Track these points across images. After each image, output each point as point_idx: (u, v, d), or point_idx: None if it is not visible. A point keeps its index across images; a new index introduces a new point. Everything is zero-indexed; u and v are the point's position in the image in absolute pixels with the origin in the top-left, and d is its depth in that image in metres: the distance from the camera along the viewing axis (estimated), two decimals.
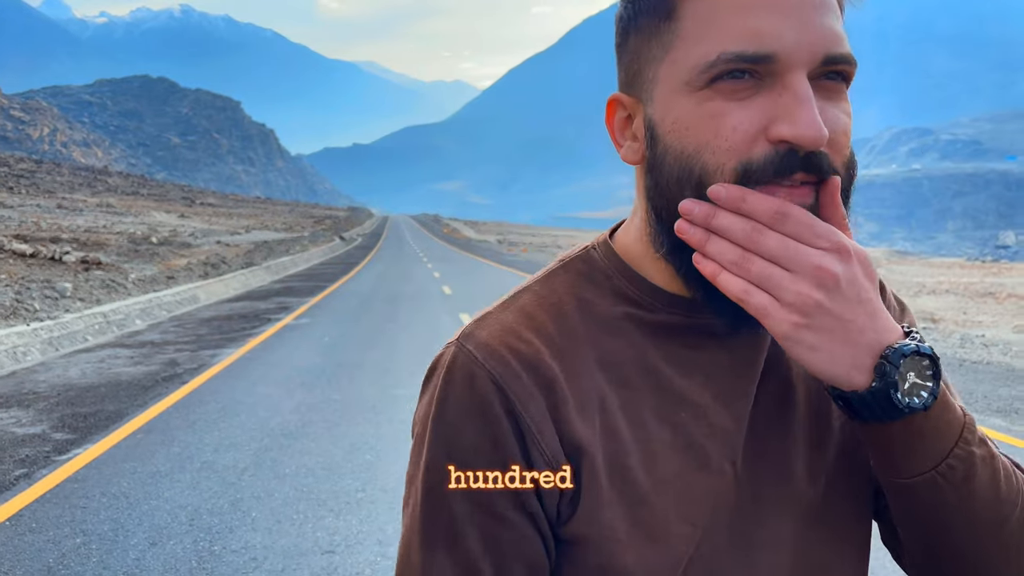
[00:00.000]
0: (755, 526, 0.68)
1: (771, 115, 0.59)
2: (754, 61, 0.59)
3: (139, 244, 29.07)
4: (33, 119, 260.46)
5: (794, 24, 0.59)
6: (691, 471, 0.66)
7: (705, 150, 0.61)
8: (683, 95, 0.62)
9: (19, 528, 3.81)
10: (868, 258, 0.59)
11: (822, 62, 0.59)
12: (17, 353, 8.89)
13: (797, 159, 0.59)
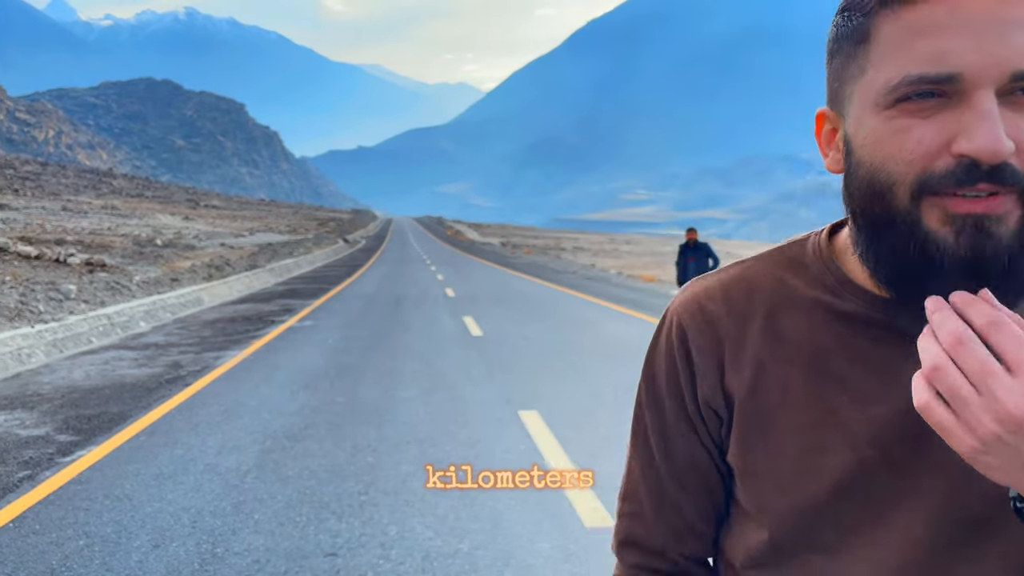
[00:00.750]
0: (888, 507, 0.74)
1: (954, 131, 0.63)
2: (937, 82, 0.63)
3: (143, 246, 29.13)
4: (38, 121, 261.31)
5: (978, 44, 0.62)
6: (833, 448, 0.74)
7: (890, 162, 0.66)
8: (873, 113, 0.67)
9: (22, 530, 3.81)
10: None
11: (1011, 79, 0.62)
12: (22, 355, 8.91)
13: (979, 171, 0.62)
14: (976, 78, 0.62)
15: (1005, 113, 0.62)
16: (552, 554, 3.44)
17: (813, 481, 0.76)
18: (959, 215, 0.64)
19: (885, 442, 0.74)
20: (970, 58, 0.61)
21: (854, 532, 0.76)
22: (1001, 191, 0.63)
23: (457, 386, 7.27)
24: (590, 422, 5.81)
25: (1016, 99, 0.63)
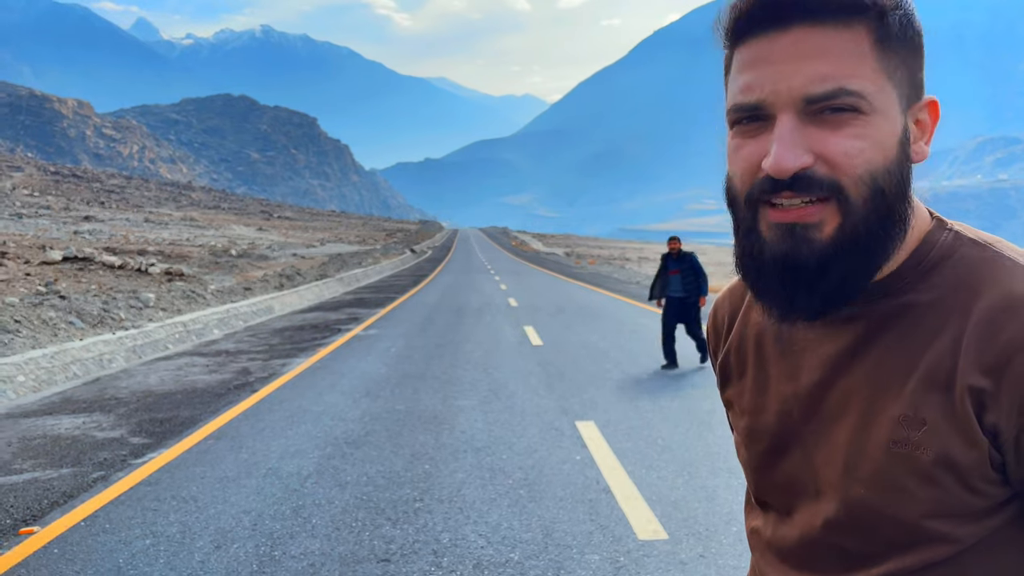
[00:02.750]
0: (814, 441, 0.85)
1: (767, 149, 0.74)
2: (748, 109, 0.76)
3: (219, 256, 30.12)
4: (123, 137, 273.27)
5: (774, 75, 0.73)
6: (768, 412, 0.89)
7: (735, 177, 0.79)
8: (728, 133, 0.80)
9: (93, 528, 3.99)
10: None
11: (804, 102, 0.73)
12: (103, 360, 9.32)
13: (783, 183, 0.73)
14: (775, 104, 0.74)
15: (812, 130, 0.73)
16: (602, 566, 3.41)
17: (757, 440, 0.90)
18: (776, 223, 0.75)
19: (793, 416, 0.85)
20: (769, 88, 0.74)
21: (794, 496, 0.86)
22: (810, 199, 0.73)
23: (516, 395, 7.29)
24: (646, 433, 5.75)
25: (823, 118, 0.73)
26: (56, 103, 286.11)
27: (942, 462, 0.74)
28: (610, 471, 4.81)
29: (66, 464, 5.20)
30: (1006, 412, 0.72)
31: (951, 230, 0.82)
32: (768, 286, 0.78)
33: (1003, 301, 0.73)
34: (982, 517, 0.76)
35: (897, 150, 0.75)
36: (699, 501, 4.21)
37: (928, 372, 0.76)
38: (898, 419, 0.76)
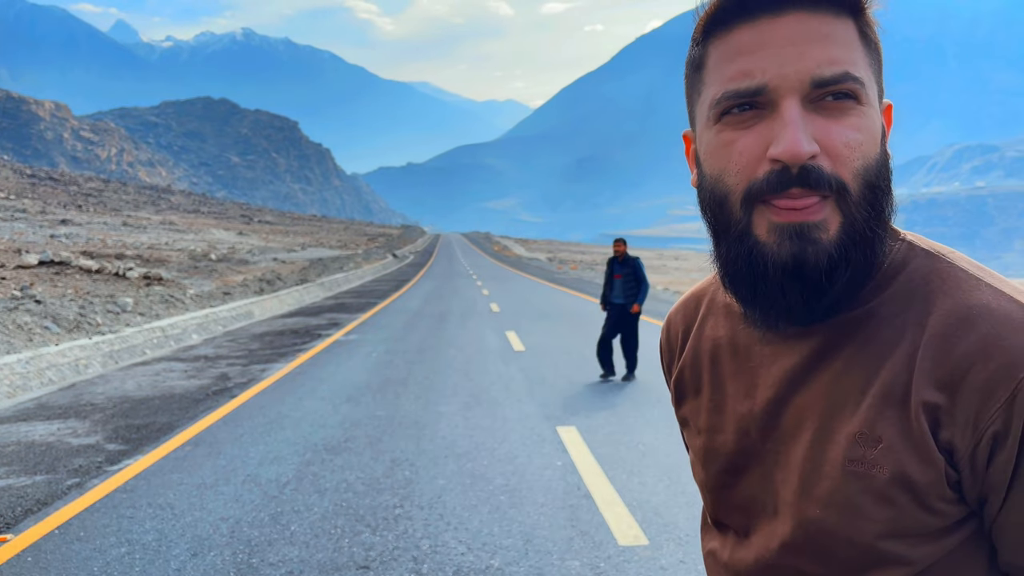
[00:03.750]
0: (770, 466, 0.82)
1: (769, 139, 0.70)
2: (748, 95, 0.71)
3: (199, 261, 29.87)
4: (101, 140, 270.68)
5: (778, 59, 0.70)
6: (725, 431, 0.86)
7: (725, 174, 0.74)
8: (708, 129, 0.76)
9: (67, 536, 3.93)
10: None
11: (812, 86, 0.70)
12: (79, 365, 9.20)
13: (791, 175, 0.69)
14: (780, 89, 0.70)
15: (815, 118, 0.70)
16: (582, 572, 3.40)
17: (714, 460, 0.87)
18: (781, 224, 0.71)
19: (751, 435, 0.82)
20: (773, 72, 0.70)
21: (752, 517, 0.83)
22: (817, 197, 0.70)
23: (497, 401, 7.27)
24: (628, 439, 5.76)
25: (825, 104, 0.70)
26: (33, 105, 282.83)
27: (898, 481, 0.72)
28: (591, 477, 4.81)
29: (40, 471, 5.12)
30: (960, 428, 0.70)
31: (904, 240, 0.80)
32: (768, 293, 0.74)
33: (956, 314, 0.72)
34: (939, 537, 0.73)
35: (881, 146, 0.74)
36: (680, 507, 4.21)
37: (883, 388, 0.73)
38: (854, 436, 0.74)
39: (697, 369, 0.91)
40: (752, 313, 0.78)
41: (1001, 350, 0.68)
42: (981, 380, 0.68)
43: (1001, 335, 0.69)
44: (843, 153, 0.70)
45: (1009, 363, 0.68)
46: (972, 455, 0.70)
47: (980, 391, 0.68)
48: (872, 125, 0.72)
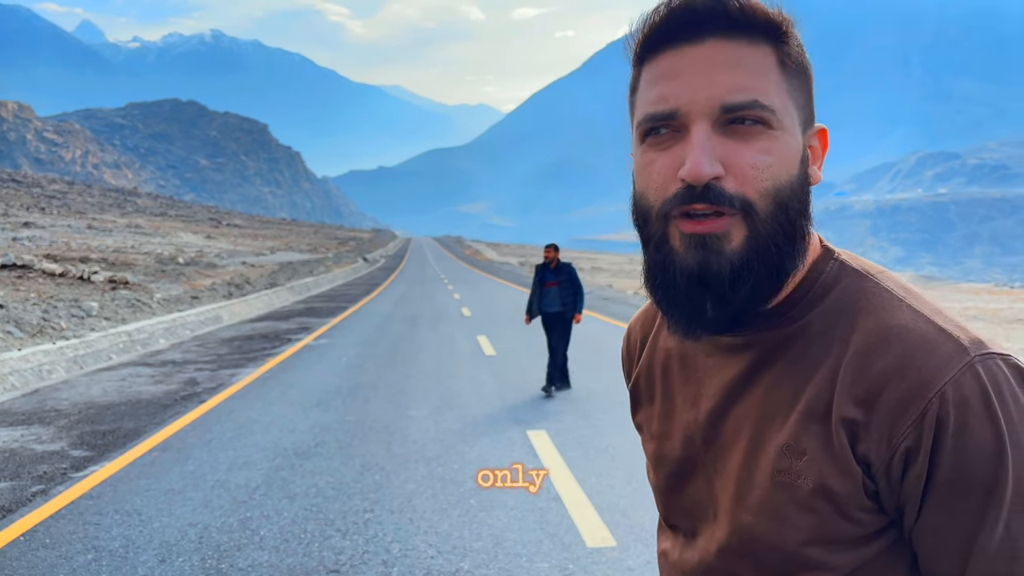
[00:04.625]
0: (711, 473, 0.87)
1: (681, 160, 0.75)
2: (663, 119, 0.76)
3: (166, 264, 29.47)
4: (66, 141, 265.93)
5: (691, 85, 0.75)
6: (673, 438, 0.91)
7: (647, 190, 0.79)
8: (637, 149, 0.81)
9: (33, 544, 3.88)
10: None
11: (721, 111, 0.74)
12: (42, 371, 9.05)
13: (695, 193, 0.74)
14: (691, 113, 0.75)
15: (725, 141, 0.74)
16: (551, 574, 3.44)
17: (663, 465, 0.92)
18: (688, 234, 0.76)
19: (695, 443, 0.88)
20: (685, 98, 0.75)
21: (697, 520, 0.88)
22: (723, 212, 0.74)
23: (468, 405, 7.30)
24: (597, 442, 5.82)
25: (733, 128, 0.74)
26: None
27: (820, 491, 0.75)
28: (561, 480, 4.85)
29: (3, 478, 5.05)
30: (876, 443, 0.73)
31: (837, 260, 0.83)
32: (677, 299, 0.78)
33: (877, 333, 0.76)
34: (859, 545, 0.77)
35: (799, 169, 0.78)
36: (647, 509, 4.27)
37: (809, 402, 0.77)
38: (782, 448, 0.78)
39: (651, 378, 0.96)
40: (669, 320, 0.82)
41: (914, 370, 0.72)
42: (895, 398, 0.73)
43: (915, 355, 0.73)
44: (749, 174, 0.74)
45: (921, 383, 0.72)
46: (887, 469, 0.74)
47: (894, 409, 0.73)
48: (784, 149, 0.76)
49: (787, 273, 0.79)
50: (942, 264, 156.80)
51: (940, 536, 0.74)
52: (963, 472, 0.72)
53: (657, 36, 0.78)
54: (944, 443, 0.71)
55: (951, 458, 0.71)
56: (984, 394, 0.71)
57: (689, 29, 0.76)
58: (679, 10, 0.76)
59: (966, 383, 0.72)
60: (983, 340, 0.75)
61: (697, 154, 0.73)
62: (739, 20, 0.76)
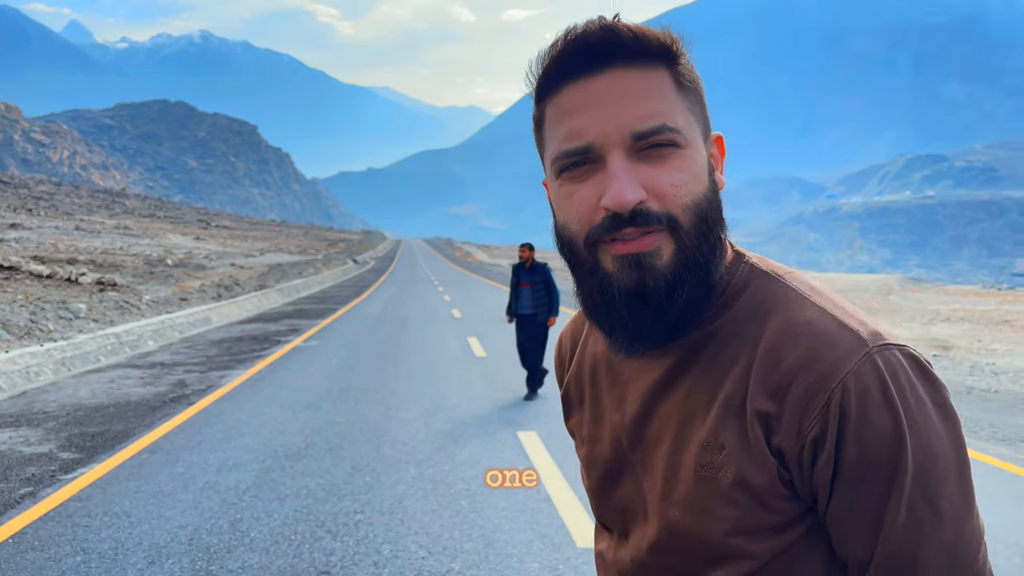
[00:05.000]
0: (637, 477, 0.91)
1: (601, 189, 0.78)
2: (578, 154, 0.79)
3: (154, 266, 29.32)
4: (53, 142, 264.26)
5: (600, 117, 0.77)
6: (602, 442, 0.95)
7: (570, 222, 0.82)
8: (553, 182, 0.83)
9: (21, 546, 3.86)
10: None
11: (632, 139, 0.77)
12: (30, 373, 9.00)
13: (623, 219, 0.77)
14: (605, 145, 0.77)
15: (641, 166, 0.77)
16: (541, 574, 3.46)
17: (595, 468, 0.95)
18: (621, 256, 0.78)
19: (623, 445, 0.91)
20: (596, 130, 0.77)
21: (629, 520, 0.91)
22: (651, 230, 0.77)
23: (459, 407, 7.30)
24: None
25: (648, 153, 0.77)
26: None
27: (740, 483, 0.79)
28: (551, 481, 4.87)
29: None
30: (787, 434, 0.78)
31: (748, 262, 0.87)
32: (619, 318, 0.81)
33: (784, 330, 0.80)
34: (779, 532, 0.81)
35: (708, 180, 0.82)
36: None
37: (726, 399, 0.81)
38: (703, 445, 0.82)
39: (580, 384, 1.00)
40: (612, 340, 0.85)
41: (819, 363, 0.77)
42: (802, 390, 0.77)
43: (819, 349, 0.78)
44: (669, 193, 0.77)
45: (824, 375, 0.76)
46: (799, 458, 0.78)
47: (801, 400, 0.77)
48: (694, 164, 0.80)
49: (714, 278, 0.83)
50: (930, 266, 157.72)
51: (850, 519, 0.78)
52: (866, 458, 0.76)
53: (557, 71, 0.80)
54: (848, 431, 0.76)
55: (855, 445, 0.76)
56: (882, 383, 0.76)
57: (587, 62, 0.78)
58: (575, 44, 0.78)
59: (866, 373, 0.76)
60: (881, 332, 0.79)
61: (618, 184, 0.76)
62: (634, 48, 0.78)
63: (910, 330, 15.94)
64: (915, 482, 0.76)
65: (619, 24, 0.79)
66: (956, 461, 0.78)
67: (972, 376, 9.07)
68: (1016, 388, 8.26)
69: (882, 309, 23.29)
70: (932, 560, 0.78)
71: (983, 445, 5.81)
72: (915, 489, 0.76)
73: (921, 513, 0.77)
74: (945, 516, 0.77)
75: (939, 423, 0.78)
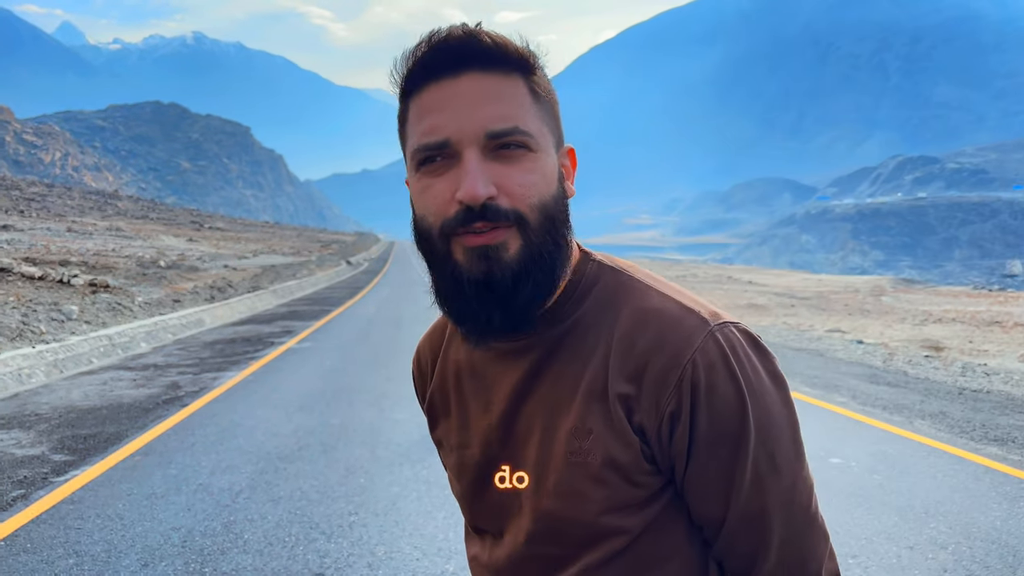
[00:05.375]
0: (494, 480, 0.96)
1: (456, 184, 0.83)
2: (436, 148, 0.84)
3: (147, 267, 29.21)
4: (45, 143, 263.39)
5: (457, 116, 0.82)
6: (471, 447, 0.97)
7: (427, 214, 0.86)
8: (413, 176, 0.88)
9: (14, 548, 3.84)
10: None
11: (486, 138, 0.82)
12: (22, 375, 8.96)
13: (475, 212, 0.82)
14: (461, 142, 0.82)
15: (494, 165, 0.82)
16: None
17: (465, 473, 0.98)
18: (471, 248, 0.83)
19: (493, 447, 0.94)
20: (453, 128, 0.82)
21: (504, 519, 0.95)
22: (500, 226, 0.82)
23: None
24: None
25: (501, 154, 0.82)
26: None
27: (608, 464, 0.85)
28: None
29: None
30: (647, 412, 0.84)
31: (595, 261, 0.94)
32: (468, 308, 0.86)
33: (635, 317, 0.87)
34: (644, 507, 0.87)
35: (558, 185, 0.87)
36: None
37: (589, 386, 0.86)
38: (571, 431, 0.86)
39: (445, 392, 1.03)
40: (463, 329, 0.90)
41: (669, 344, 0.84)
42: (657, 370, 0.84)
43: (667, 331, 0.85)
44: (518, 192, 0.82)
45: (675, 353, 0.84)
46: (658, 432, 0.85)
47: (656, 379, 0.83)
48: (544, 168, 0.85)
49: (558, 275, 0.88)
50: (922, 267, 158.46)
51: (704, 482, 0.85)
52: (716, 424, 0.83)
53: (420, 72, 0.85)
54: (699, 403, 0.83)
55: (706, 414, 0.83)
56: (724, 357, 0.83)
57: (448, 64, 0.83)
58: (438, 47, 0.83)
59: (710, 349, 0.83)
60: (719, 312, 0.88)
61: (471, 178, 0.81)
62: (492, 55, 0.83)
63: (902, 331, 16.01)
64: (757, 442, 0.84)
65: (481, 31, 0.83)
66: (788, 421, 0.87)
67: (964, 377, 9.12)
68: (1007, 388, 8.31)
69: (874, 310, 23.38)
70: (775, 509, 0.86)
71: (975, 445, 5.83)
72: (757, 448, 0.84)
73: (763, 469, 0.85)
74: (782, 469, 0.86)
75: (772, 389, 0.86)
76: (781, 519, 0.87)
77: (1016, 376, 8.93)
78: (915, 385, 8.62)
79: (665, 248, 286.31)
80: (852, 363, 10.50)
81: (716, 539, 0.89)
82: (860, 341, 13.03)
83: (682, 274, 45.73)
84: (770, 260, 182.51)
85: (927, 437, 6.07)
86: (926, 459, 5.44)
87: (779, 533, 0.87)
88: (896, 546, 3.83)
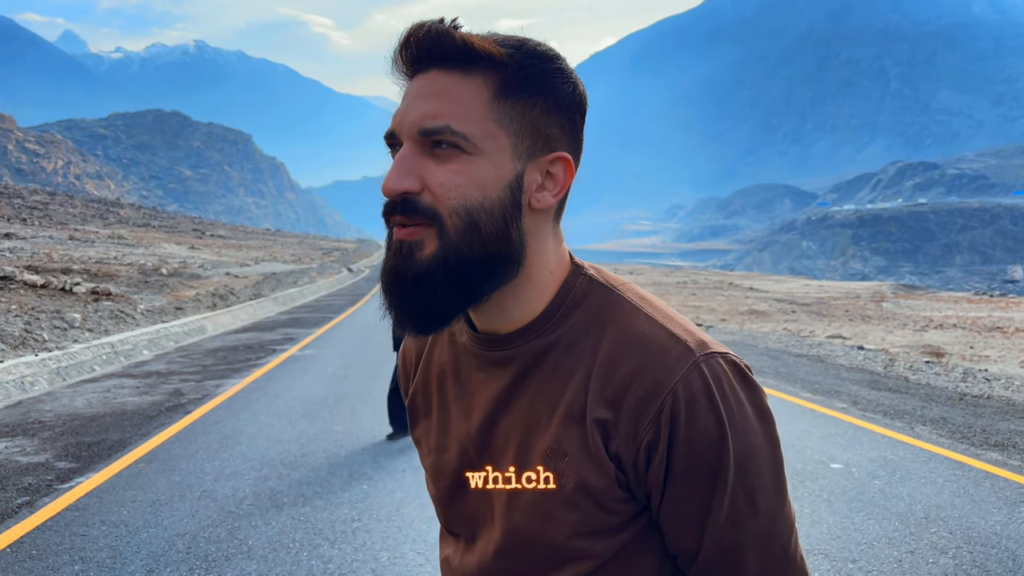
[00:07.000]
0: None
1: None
2: (388, 137, 0.86)
3: (149, 275, 29.26)
4: (48, 152, 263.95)
5: (403, 111, 0.84)
6: (449, 450, 0.96)
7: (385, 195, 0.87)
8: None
9: (19, 555, 3.87)
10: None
11: (419, 134, 0.82)
12: (25, 383, 8.99)
13: (395, 206, 0.83)
14: (401, 134, 0.83)
15: (427, 162, 0.82)
16: None
17: (442, 477, 0.97)
18: (393, 241, 0.84)
19: (470, 454, 0.93)
20: (399, 119, 0.84)
21: (476, 526, 0.94)
22: (419, 224, 0.82)
23: None
24: None
25: (436, 152, 0.82)
26: None
27: (581, 488, 0.84)
28: None
29: None
30: (624, 439, 0.82)
31: (586, 275, 0.91)
32: (384, 296, 0.86)
33: (619, 341, 0.84)
34: (617, 532, 0.86)
35: (501, 193, 0.82)
36: None
37: (567, 407, 0.85)
38: (547, 452, 0.85)
39: (427, 393, 1.02)
40: (385, 314, 0.89)
41: (651, 372, 0.82)
42: (636, 398, 0.82)
43: (651, 359, 0.83)
44: (438, 192, 0.81)
45: (657, 383, 0.82)
46: (634, 461, 0.83)
47: (636, 408, 0.82)
48: (478, 172, 0.81)
49: (476, 287, 0.83)
50: (922, 273, 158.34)
51: (680, 514, 0.84)
52: (694, 458, 0.81)
53: (395, 66, 0.87)
54: (678, 435, 0.81)
55: (684, 447, 0.81)
56: (708, 389, 0.81)
57: (415, 60, 0.85)
58: (408, 43, 0.85)
59: (693, 380, 0.81)
60: (706, 342, 0.85)
61: (391, 170, 0.82)
62: (453, 53, 0.82)
63: (902, 337, 16.01)
64: (736, 477, 0.82)
65: (448, 29, 0.82)
66: (771, 457, 0.85)
67: (965, 382, 9.13)
68: (1008, 394, 8.32)
69: (875, 316, 23.36)
70: (751, 546, 0.85)
71: (976, 450, 5.85)
72: (736, 484, 0.82)
73: (741, 505, 0.83)
74: (761, 507, 0.84)
75: (756, 423, 0.84)
76: (756, 556, 0.85)
77: (1017, 381, 8.94)
78: (916, 391, 8.64)
79: (665, 254, 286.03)
80: (853, 369, 10.51)
81: (689, 571, 0.88)
82: (861, 347, 13.05)
83: (683, 280, 45.74)
84: (771, 266, 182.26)
85: (928, 442, 6.09)
86: (927, 464, 5.46)
87: (754, 570, 0.85)
88: (897, 551, 3.85)
